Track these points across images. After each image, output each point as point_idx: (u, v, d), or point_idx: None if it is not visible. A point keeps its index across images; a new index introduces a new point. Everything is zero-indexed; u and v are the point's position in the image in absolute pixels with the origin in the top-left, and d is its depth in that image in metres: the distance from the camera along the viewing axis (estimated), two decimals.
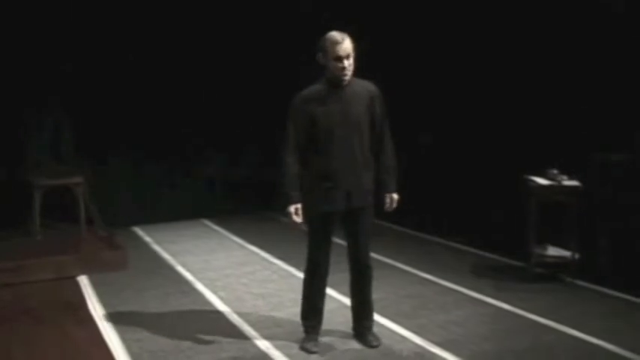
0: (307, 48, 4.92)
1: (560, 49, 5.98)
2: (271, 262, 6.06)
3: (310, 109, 3.88)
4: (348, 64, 3.82)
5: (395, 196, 4.14)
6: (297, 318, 4.28)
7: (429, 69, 7.27)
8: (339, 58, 3.79)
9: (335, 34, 3.83)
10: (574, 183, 5.23)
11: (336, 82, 3.89)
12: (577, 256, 5.27)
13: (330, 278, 4.13)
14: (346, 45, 3.80)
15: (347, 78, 3.87)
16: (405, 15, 7.37)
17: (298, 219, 3.94)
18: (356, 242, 4.06)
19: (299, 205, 3.92)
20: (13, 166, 6.65)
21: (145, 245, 6.77)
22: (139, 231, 7.30)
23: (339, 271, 4.25)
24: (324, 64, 3.87)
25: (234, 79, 7.60)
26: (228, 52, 7.53)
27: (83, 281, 5.55)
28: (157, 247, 6.65)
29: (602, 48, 5.63)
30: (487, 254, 6.19)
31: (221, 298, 5.09)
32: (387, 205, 4.15)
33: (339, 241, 4.10)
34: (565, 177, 5.25)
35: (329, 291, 4.20)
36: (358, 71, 3.95)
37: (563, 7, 5.91)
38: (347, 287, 4.29)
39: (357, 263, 4.11)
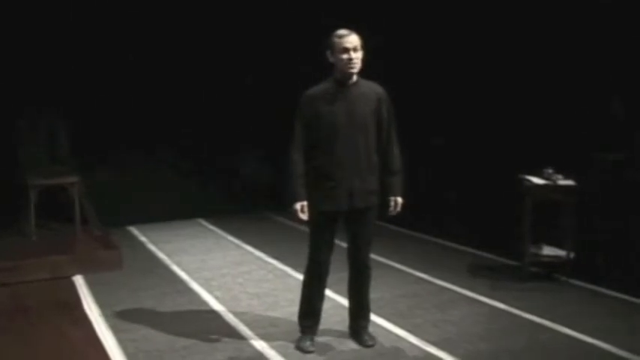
0: (307, 49, 4.93)
1: (559, 50, 6.00)
2: (267, 262, 6.06)
3: (315, 107, 3.87)
4: (355, 56, 3.81)
5: (399, 199, 4.09)
6: (293, 317, 4.28)
7: (426, 68, 7.29)
8: (346, 50, 3.79)
9: (341, 30, 3.85)
10: (569, 182, 5.24)
11: (343, 80, 3.89)
12: (572, 255, 5.28)
13: (328, 278, 4.13)
14: (352, 37, 3.81)
15: (354, 71, 3.85)
16: (404, 16, 7.38)
17: (304, 216, 3.92)
18: (357, 242, 4.05)
19: (305, 203, 3.90)
20: (11, 166, 6.63)
21: (141, 245, 6.76)
22: (134, 230, 7.29)
23: (336, 271, 4.24)
24: (333, 62, 3.87)
25: (233, 80, 7.60)
26: (227, 52, 7.53)
27: (79, 281, 5.54)
28: (152, 247, 6.64)
29: (601, 48, 5.64)
30: (482, 253, 6.20)
31: (217, 298, 5.09)
32: (392, 209, 4.11)
33: (337, 242, 4.08)
34: (560, 176, 5.26)
35: (326, 290, 4.19)
36: (363, 73, 3.94)
37: (561, 7, 5.92)
38: (344, 287, 4.29)
39: (355, 262, 4.10)
